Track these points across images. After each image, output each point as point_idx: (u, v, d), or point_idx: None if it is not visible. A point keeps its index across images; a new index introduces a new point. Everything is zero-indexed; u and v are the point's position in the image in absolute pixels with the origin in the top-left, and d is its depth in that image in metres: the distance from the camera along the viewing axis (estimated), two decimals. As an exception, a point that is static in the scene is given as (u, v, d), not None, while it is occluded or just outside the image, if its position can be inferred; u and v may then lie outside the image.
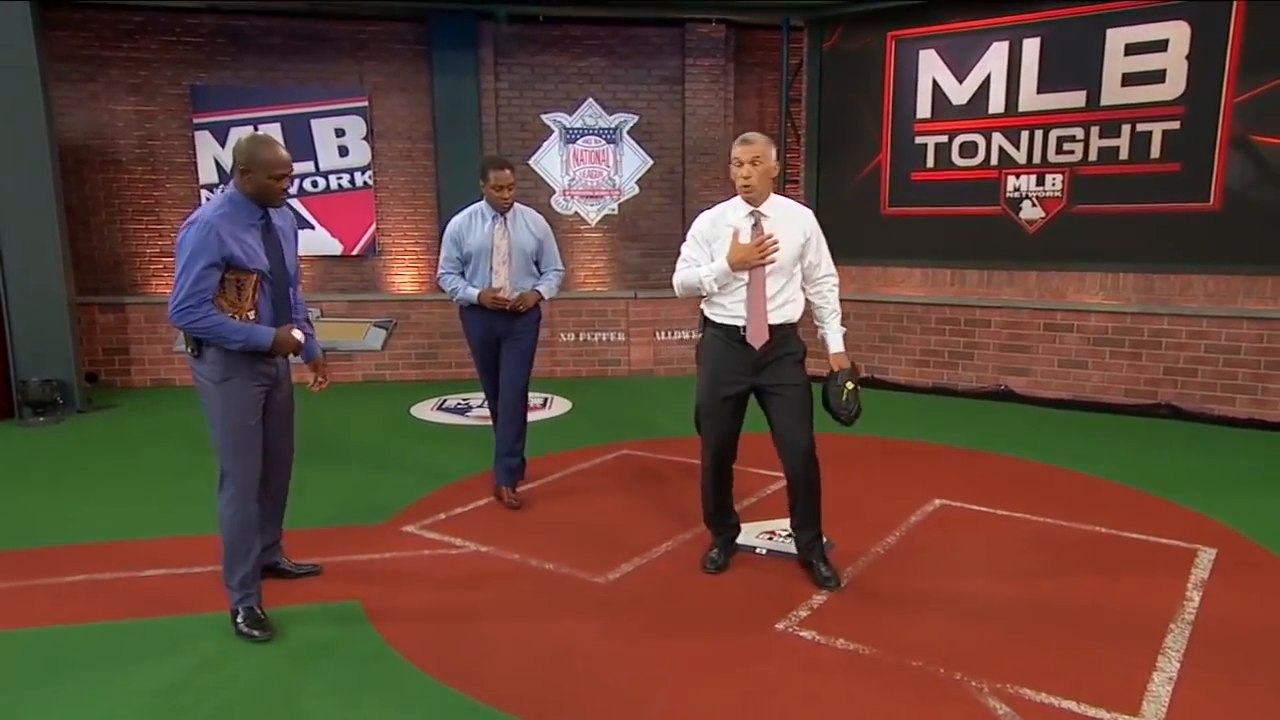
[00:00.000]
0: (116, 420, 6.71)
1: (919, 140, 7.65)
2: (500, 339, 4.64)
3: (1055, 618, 3.30)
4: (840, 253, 7.85)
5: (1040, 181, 7.17)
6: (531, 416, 6.66)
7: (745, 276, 3.45)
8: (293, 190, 8.60)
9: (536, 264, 4.68)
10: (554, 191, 8.88)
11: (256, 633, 3.16)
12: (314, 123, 8.52)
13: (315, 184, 8.61)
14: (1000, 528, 4.25)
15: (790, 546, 3.95)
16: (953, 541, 4.08)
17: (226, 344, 3.12)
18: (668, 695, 2.80)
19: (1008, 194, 7.31)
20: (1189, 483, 4.85)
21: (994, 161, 7.34)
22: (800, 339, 3.59)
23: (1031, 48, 7.08)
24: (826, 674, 2.92)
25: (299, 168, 8.61)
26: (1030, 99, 7.13)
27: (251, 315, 3.20)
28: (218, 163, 8.49)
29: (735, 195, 3.54)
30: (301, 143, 8.56)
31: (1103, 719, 2.64)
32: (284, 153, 3.18)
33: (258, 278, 3.18)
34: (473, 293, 4.52)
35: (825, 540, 3.85)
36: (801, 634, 3.19)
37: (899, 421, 6.32)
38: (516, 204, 4.58)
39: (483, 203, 4.57)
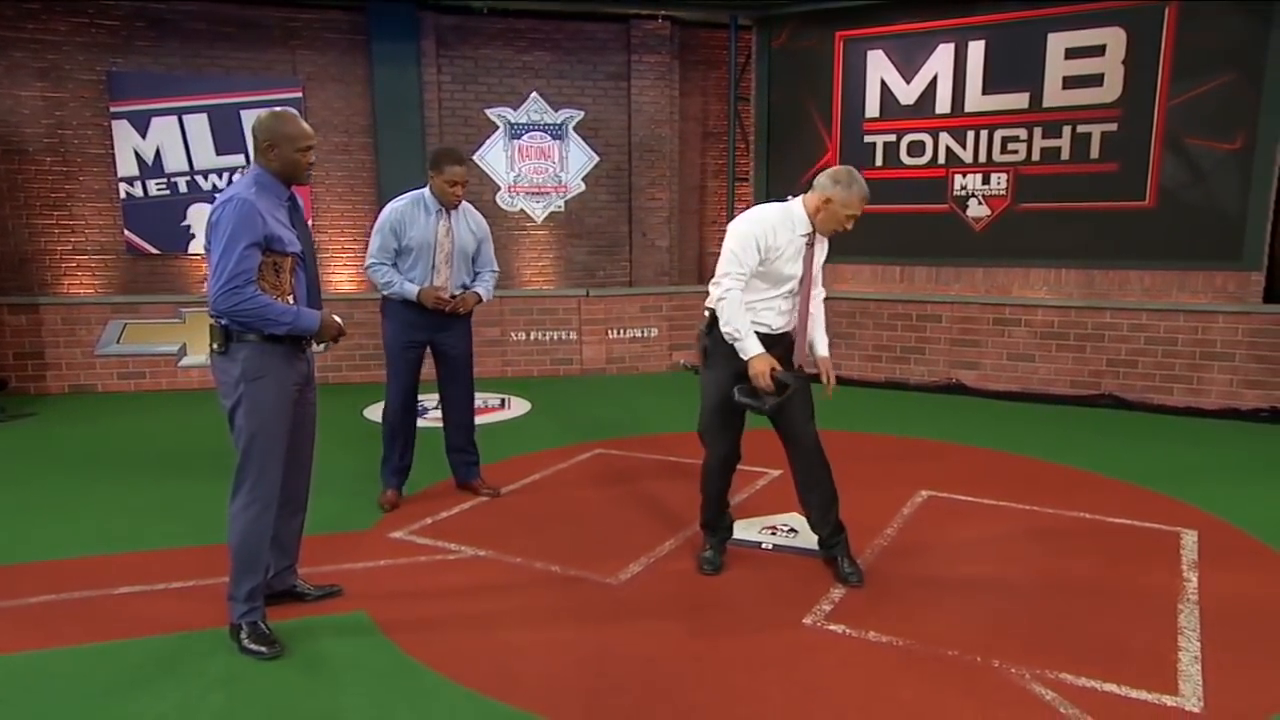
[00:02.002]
0: (37, 429, 6.21)
1: (868, 139, 7.78)
2: (429, 341, 4.41)
3: (1069, 602, 3.36)
4: (792, 250, 8.00)
5: (986, 180, 7.39)
6: (493, 418, 6.55)
7: (790, 286, 3.42)
8: (221, 184, 8.19)
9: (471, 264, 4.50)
10: (499, 188, 8.69)
11: (264, 649, 2.93)
12: (244, 114, 8.10)
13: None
14: (992, 516, 4.33)
15: (795, 541, 3.95)
16: (950, 531, 4.13)
17: (273, 327, 2.91)
18: (714, 695, 2.72)
19: (955, 192, 7.50)
20: (1150, 469, 5.05)
21: (941, 160, 7.53)
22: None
23: (977, 50, 7.30)
24: (868, 668, 2.89)
25: (227, 161, 8.20)
26: (976, 100, 7.35)
27: (290, 299, 3.02)
28: (138, 154, 8.00)
29: (776, 203, 3.49)
30: (231, 134, 8.14)
31: (1146, 700, 2.69)
32: (308, 126, 3.03)
33: (294, 260, 3.02)
34: (411, 289, 4.25)
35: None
36: (831, 628, 3.16)
37: (858, 417, 6.39)
38: (462, 201, 4.38)
39: (425, 192, 4.31)
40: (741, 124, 8.54)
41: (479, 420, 6.31)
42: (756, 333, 3.37)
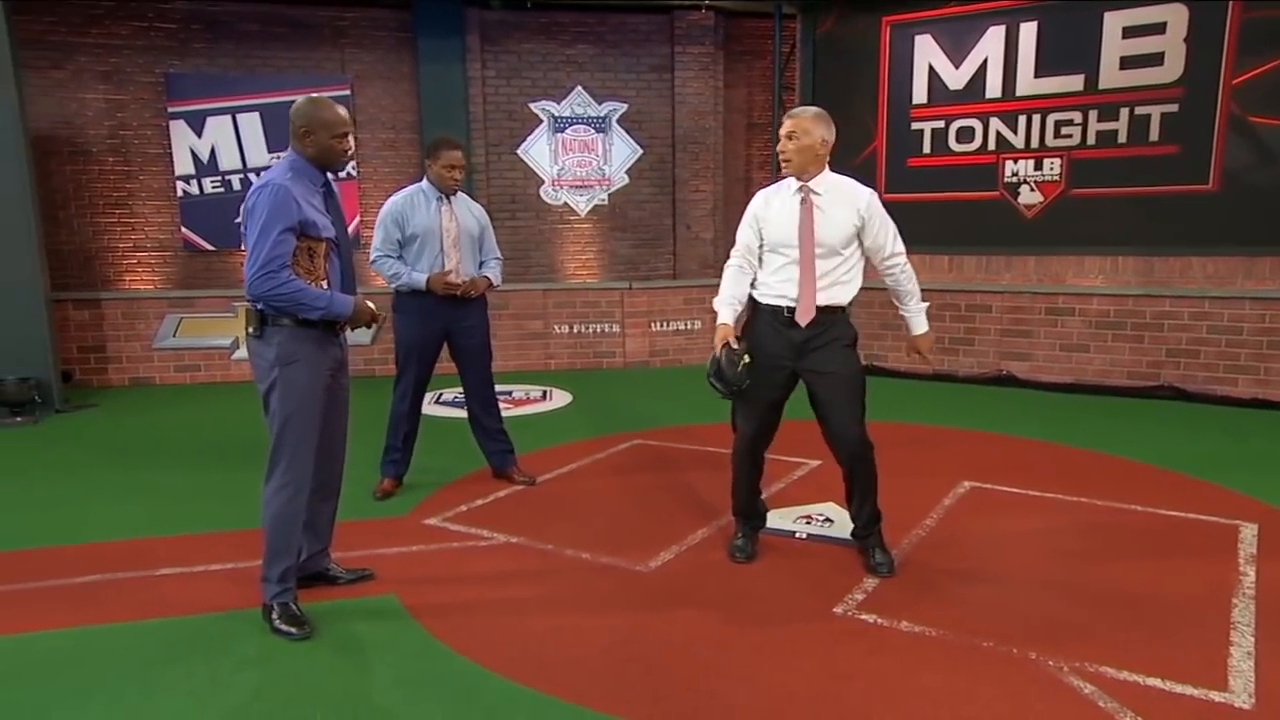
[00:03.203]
0: (98, 419, 6.42)
1: (915, 126, 7.61)
2: (446, 330, 4.40)
3: (1115, 595, 3.24)
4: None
5: (1038, 166, 7.17)
6: (533, 409, 6.59)
7: (793, 254, 3.34)
8: (274, 181, 8.36)
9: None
10: (543, 182, 8.72)
11: (293, 630, 2.98)
12: (295, 111, 8.24)
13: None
14: (1037, 508, 4.20)
15: (830, 531, 3.88)
16: (993, 522, 4.02)
17: (307, 312, 2.95)
18: (743, 682, 2.68)
19: (1006, 179, 7.30)
20: (1210, 461, 4.85)
21: (991, 146, 7.32)
22: (852, 324, 3.46)
23: (1029, 31, 7.08)
24: (899, 658, 2.82)
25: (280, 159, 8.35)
26: (1028, 83, 7.13)
27: (325, 283, 3.06)
28: (194, 153, 8.21)
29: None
30: (282, 132, 8.24)
31: (1193, 695, 2.57)
32: (344, 112, 3.06)
33: (328, 245, 3.05)
34: (419, 277, 4.27)
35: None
36: (863, 618, 3.09)
37: (904, 408, 6.26)
38: (458, 190, 4.41)
39: (424, 183, 4.36)
40: (786, 113, 8.42)
41: (520, 411, 6.42)
42: (777, 306, 3.35)
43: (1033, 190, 7.21)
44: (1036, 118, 7.13)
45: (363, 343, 7.75)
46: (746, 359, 3.34)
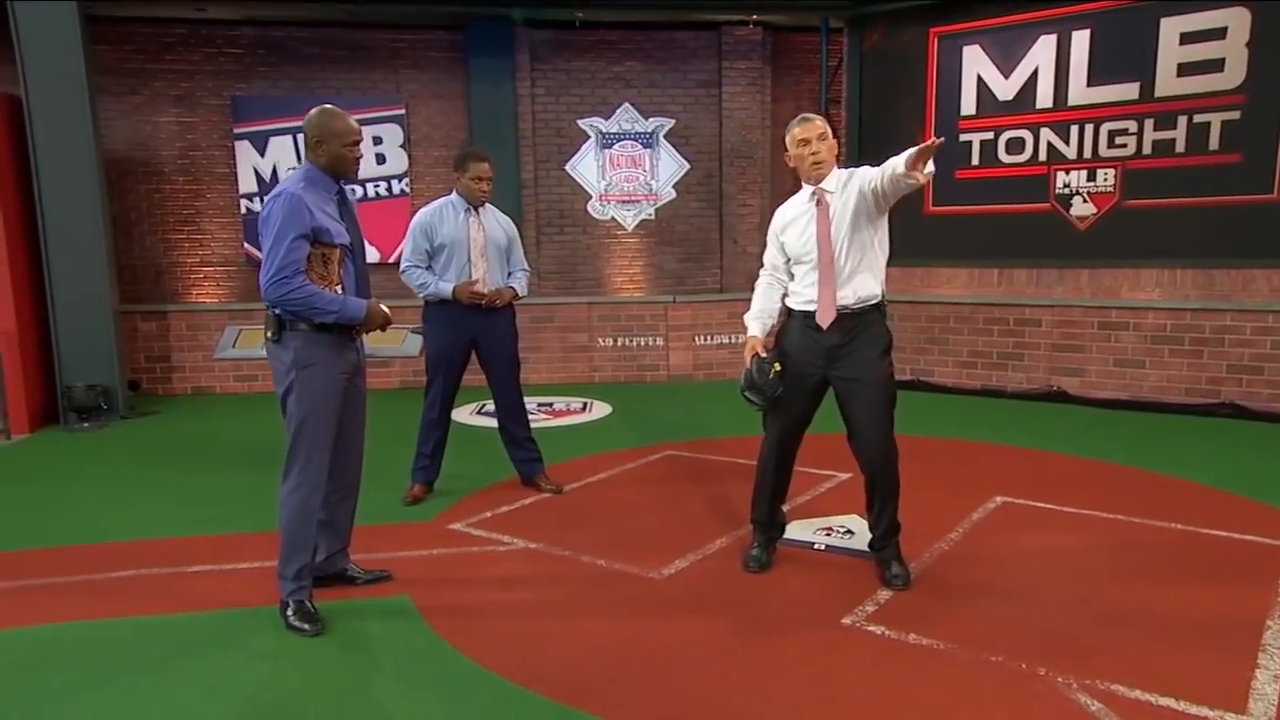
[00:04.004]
0: (159, 426, 6.70)
1: (964, 138, 7.49)
2: (474, 340, 4.48)
3: (1139, 613, 3.13)
4: (884, 253, 7.78)
5: (1091, 177, 6.98)
6: (572, 420, 6.65)
7: (813, 259, 3.33)
8: (331, 198, 8.64)
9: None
10: (590, 197, 8.83)
11: (306, 626, 3.06)
12: (352, 131, 8.52)
13: (353, 191, 8.60)
14: (1069, 524, 4.07)
15: (849, 543, 3.82)
16: (1020, 538, 3.91)
17: (320, 316, 3.05)
18: (735, 690, 2.66)
19: (1057, 190, 7.13)
20: (1265, 481, 4.64)
21: (1042, 157, 7.17)
22: (886, 329, 3.41)
23: (1081, 40, 6.93)
24: (902, 669, 2.76)
25: (337, 176, 8.62)
26: (1080, 92, 6.97)
27: (339, 289, 3.15)
28: (257, 172, 8.53)
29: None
30: (340, 151, 8.58)
31: (1207, 716, 2.47)
32: (355, 122, 3.16)
33: (342, 252, 3.15)
34: (446, 287, 4.36)
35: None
36: (871, 629, 3.05)
37: (948, 423, 6.14)
38: (486, 202, 4.50)
39: (453, 195, 4.47)
40: (833, 127, 8.37)
41: (559, 422, 6.49)
42: (808, 311, 3.36)
43: (1085, 202, 7.02)
44: (1089, 127, 6.96)
45: (410, 354, 7.93)
46: (778, 367, 3.36)
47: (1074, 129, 7.02)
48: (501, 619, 3.19)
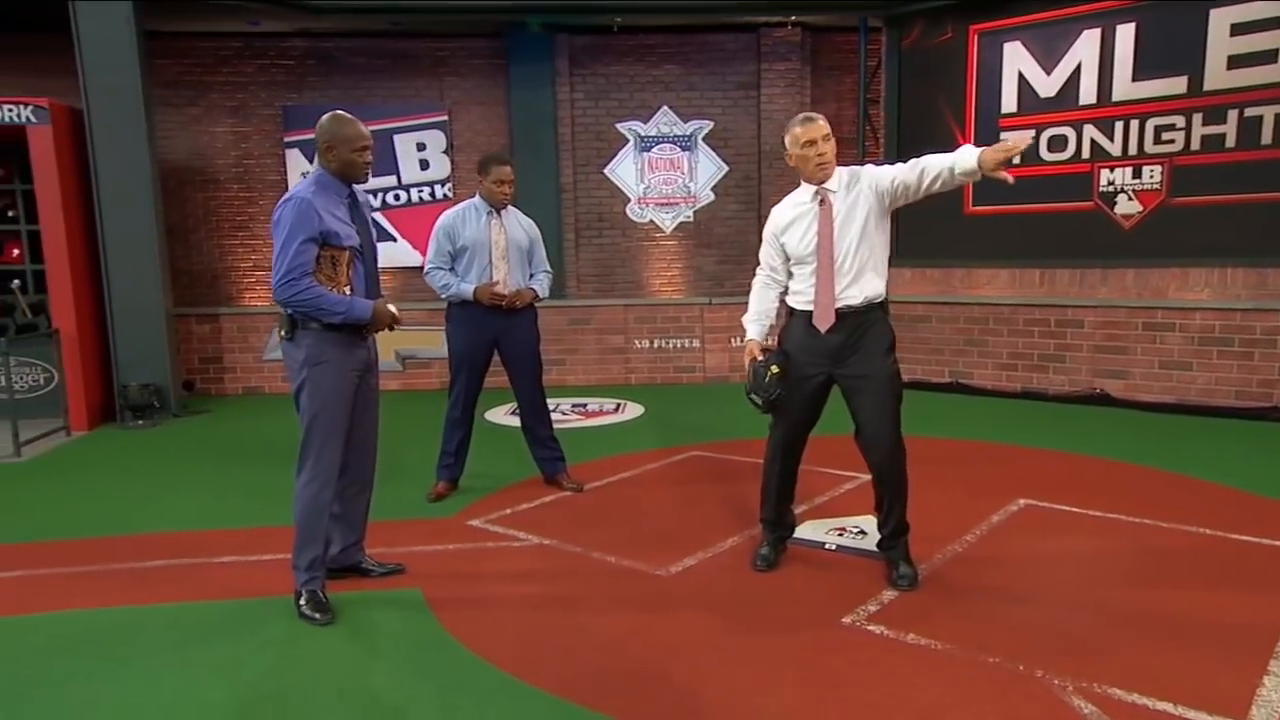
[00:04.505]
0: (208, 424, 6.96)
1: (1004, 136, 7.35)
2: (495, 341, 4.56)
3: (1151, 618, 3.05)
4: (921, 254, 7.73)
5: (1137, 174, 6.81)
6: (603, 421, 6.71)
7: (814, 260, 3.33)
8: (375, 204, 8.86)
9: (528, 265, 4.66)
10: (629, 200, 8.89)
11: (317, 615, 3.17)
12: (396, 138, 8.76)
13: (397, 197, 8.83)
14: (1091, 527, 3.99)
15: (861, 543, 3.80)
16: (1037, 541, 3.84)
17: (328, 317, 3.14)
18: (725, 685, 2.68)
19: (1101, 188, 6.96)
20: (1307, 485, 4.48)
21: (1086, 155, 7.01)
22: (889, 325, 3.40)
23: (1126, 33, 6.76)
24: (894, 669, 2.75)
25: (380, 183, 8.85)
26: (1125, 87, 6.80)
27: (348, 290, 3.24)
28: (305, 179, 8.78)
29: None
30: (384, 158, 8.79)
31: (1202, 722, 2.41)
32: (364, 128, 3.25)
33: (351, 254, 3.23)
34: (467, 289, 4.44)
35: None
36: (869, 628, 3.03)
37: (985, 426, 6.03)
38: (509, 204, 4.58)
39: (476, 199, 4.55)
40: (872, 127, 8.31)
41: (590, 423, 6.56)
42: (809, 312, 3.35)
43: (1131, 200, 6.84)
44: (1135, 123, 6.78)
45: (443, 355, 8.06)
46: (774, 369, 3.36)
47: (1118, 125, 6.85)
48: (505, 612, 3.25)
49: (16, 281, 7.46)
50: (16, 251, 7.49)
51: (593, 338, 8.13)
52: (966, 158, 3.14)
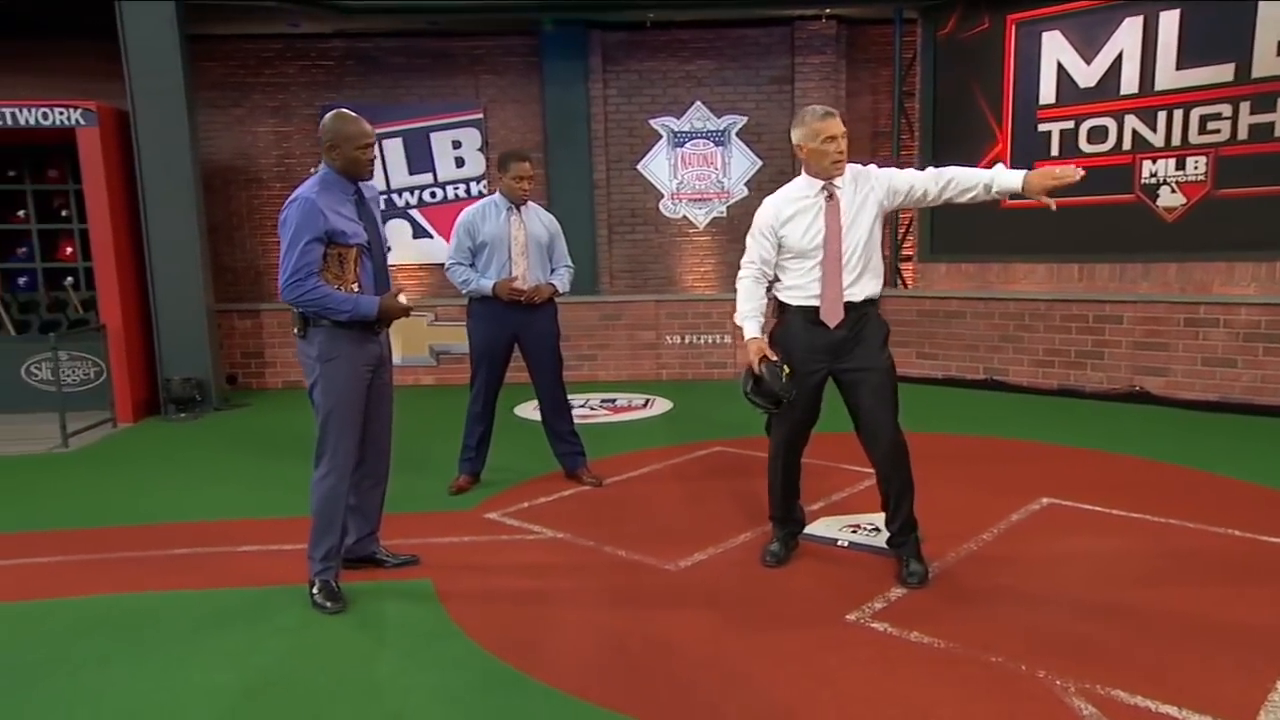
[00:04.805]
0: (247, 417, 7.13)
1: (1042, 128, 7.22)
2: (515, 336, 4.59)
3: (1167, 621, 2.98)
4: (956, 249, 7.62)
5: (1180, 165, 6.62)
6: (630, 416, 6.73)
7: (819, 254, 3.30)
8: (413, 201, 9.00)
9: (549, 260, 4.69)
10: (662, 196, 8.89)
11: (329, 604, 3.24)
12: (433, 136, 8.88)
13: (433, 194, 8.95)
14: (1113, 527, 3.90)
15: (874, 540, 3.76)
16: (1055, 540, 3.77)
17: (335, 315, 3.19)
18: (719, 679, 2.68)
19: (1143, 180, 6.78)
20: (1349, 487, 4.32)
21: (1127, 146, 6.84)
22: (883, 320, 3.39)
23: (1169, 21, 6.58)
24: (893, 666, 2.72)
25: (418, 180, 8.98)
26: (1169, 76, 6.62)
27: (355, 287, 3.28)
28: (346, 178, 8.95)
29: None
30: (421, 155, 8.93)
31: (1206, 727, 2.35)
32: (367, 125, 3.27)
33: (358, 251, 3.27)
34: (486, 284, 4.49)
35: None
36: (873, 626, 3.01)
37: (1019, 424, 5.91)
38: (529, 200, 4.61)
39: (496, 195, 4.60)
40: (908, 120, 8.20)
41: (617, 418, 6.59)
42: (809, 307, 3.30)
43: (1174, 192, 6.65)
44: (1178, 113, 6.60)
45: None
46: (787, 369, 3.33)
47: (1161, 115, 6.67)
48: (512, 604, 3.29)
49: (70, 279, 7.75)
50: (70, 249, 7.78)
51: (624, 333, 8.15)
52: (1010, 177, 3.24)
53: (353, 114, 3.30)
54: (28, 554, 3.95)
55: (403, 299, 3.37)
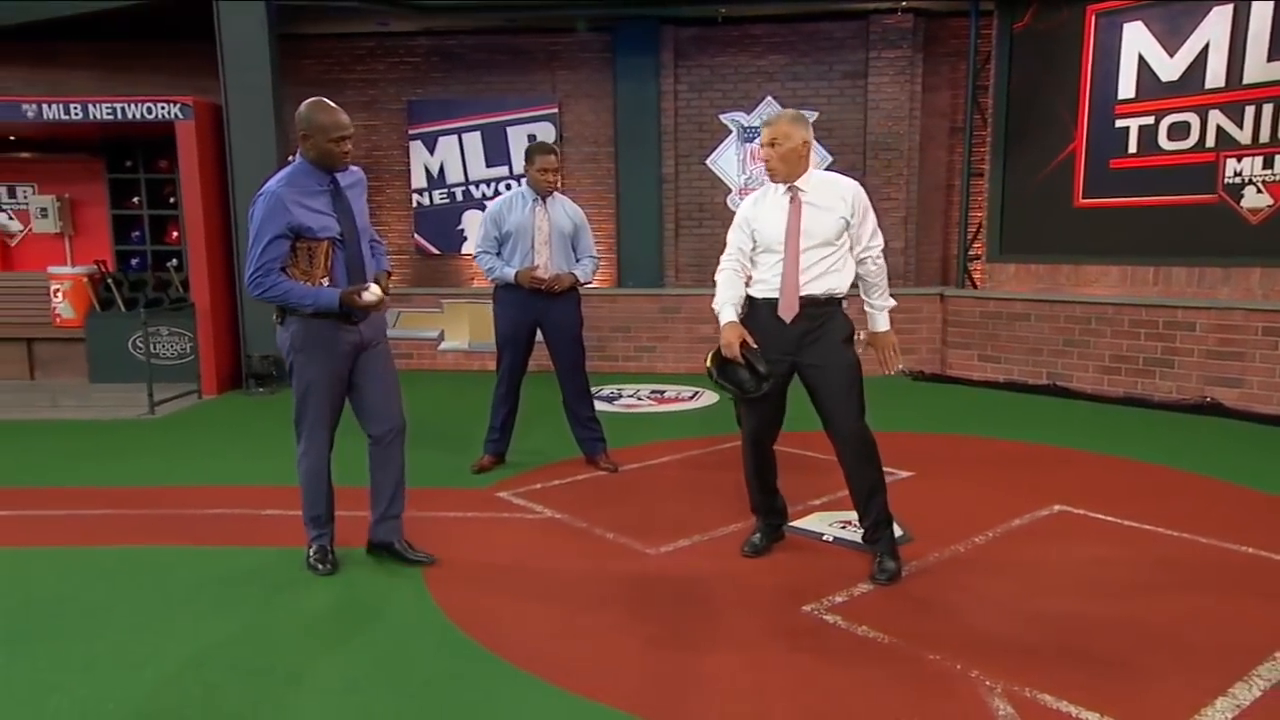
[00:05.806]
0: (319, 395, 7.56)
1: (1120, 124, 6.89)
2: (537, 323, 4.73)
3: (1124, 630, 2.87)
4: (1026, 249, 7.36)
5: (1268, 164, 6.21)
6: (672, 407, 6.79)
7: (780, 250, 3.33)
8: (489, 193, 9.29)
9: (573, 251, 4.79)
10: (730, 191, 8.91)
11: (320, 567, 3.47)
12: (509, 130, 9.15)
13: (509, 186, 9.19)
14: (1121, 538, 3.74)
15: (860, 537, 3.73)
16: (1049, 547, 3.65)
17: (299, 309, 3.26)
18: (654, 662, 2.75)
19: (1226, 179, 6.39)
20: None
21: (1210, 143, 6.45)
22: (847, 317, 3.40)
23: (1262, 11, 6.20)
24: (828, 657, 2.74)
25: (495, 173, 9.28)
26: (1259, 69, 6.22)
27: (325, 281, 3.30)
28: (427, 169, 9.36)
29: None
30: (499, 149, 9.23)
31: (1122, 738, 2.27)
32: (343, 116, 3.22)
33: (329, 244, 3.28)
34: (509, 272, 4.64)
35: (901, 533, 3.60)
36: (825, 618, 3.01)
37: (1078, 432, 5.61)
38: (555, 192, 4.74)
39: (524, 186, 4.74)
40: (982, 115, 7.94)
41: (659, 409, 6.67)
42: (771, 300, 3.35)
43: (1260, 192, 6.25)
44: (1268, 108, 6.19)
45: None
46: (764, 365, 3.38)
47: (1249, 110, 6.26)
48: (484, 576, 3.45)
49: (173, 261, 8.39)
50: (176, 234, 8.42)
51: (683, 326, 8.22)
52: (884, 319, 3.55)
53: (330, 104, 3.25)
54: (78, 506, 4.37)
55: (369, 294, 3.24)
